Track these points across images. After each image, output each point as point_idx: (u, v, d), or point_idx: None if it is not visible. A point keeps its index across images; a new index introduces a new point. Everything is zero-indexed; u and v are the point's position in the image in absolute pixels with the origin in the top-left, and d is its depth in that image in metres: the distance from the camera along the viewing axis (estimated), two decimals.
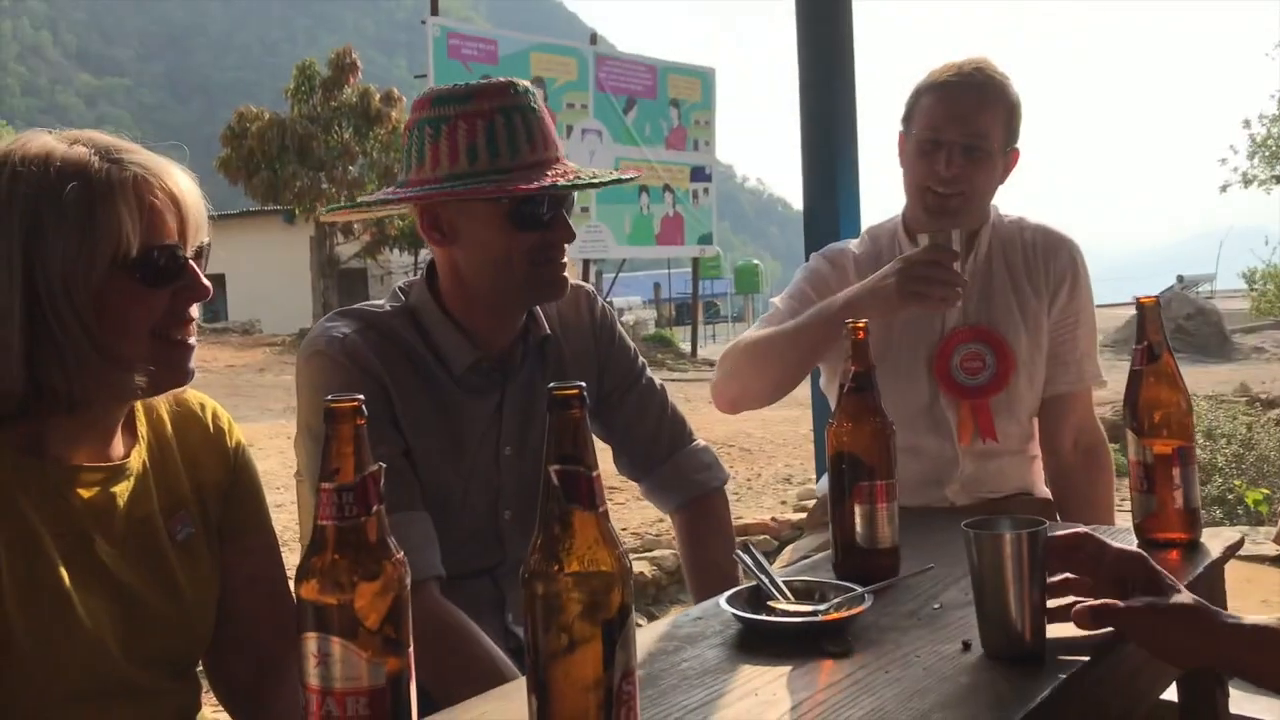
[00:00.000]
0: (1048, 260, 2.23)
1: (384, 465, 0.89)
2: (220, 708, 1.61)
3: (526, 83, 1.67)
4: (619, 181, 1.75)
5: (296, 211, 23.25)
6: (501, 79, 1.64)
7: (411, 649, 0.91)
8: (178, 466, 1.37)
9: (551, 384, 0.90)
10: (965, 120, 2.09)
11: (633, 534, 5.99)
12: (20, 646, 1.15)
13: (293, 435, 1.72)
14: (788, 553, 2.28)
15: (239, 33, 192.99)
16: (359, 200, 1.83)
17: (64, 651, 1.18)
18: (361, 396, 0.88)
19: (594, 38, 14.99)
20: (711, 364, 17.78)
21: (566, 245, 1.66)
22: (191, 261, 1.24)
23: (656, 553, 5.34)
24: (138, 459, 1.32)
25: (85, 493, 1.25)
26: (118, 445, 1.30)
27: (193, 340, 1.27)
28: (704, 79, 15.48)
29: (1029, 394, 2.21)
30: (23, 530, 1.17)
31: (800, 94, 2.97)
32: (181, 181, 1.24)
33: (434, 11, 12.88)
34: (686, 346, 21.32)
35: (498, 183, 1.57)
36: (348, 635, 0.87)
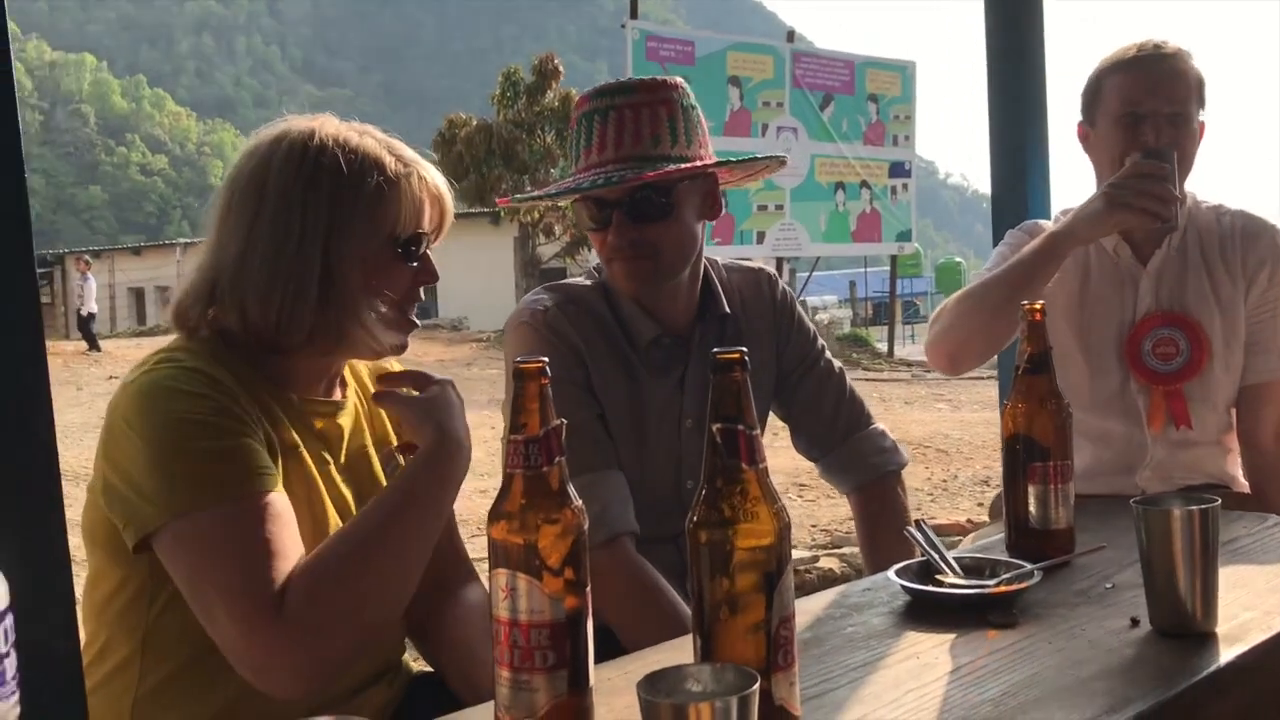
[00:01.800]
0: (1247, 246, 2.15)
1: (565, 421, 0.99)
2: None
3: (631, 80, 1.75)
4: (666, 174, 1.71)
5: (502, 214, 24.12)
6: (611, 82, 1.77)
7: (589, 589, 1.00)
8: (380, 412, 1.56)
9: (715, 349, 0.98)
10: (1167, 90, 2.05)
11: (822, 530, 6.00)
12: None
13: (497, 427, 1.86)
14: (968, 540, 2.28)
15: (450, 42, 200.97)
16: (530, 195, 2.01)
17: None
18: (546, 359, 0.97)
19: (791, 35, 14.94)
20: (909, 364, 17.41)
21: (623, 247, 1.73)
22: (428, 251, 1.46)
23: (846, 550, 5.33)
24: (351, 400, 1.52)
25: (320, 422, 1.45)
26: (337, 390, 1.51)
27: (414, 318, 1.46)
28: (904, 73, 15.22)
29: (1226, 381, 2.14)
30: (287, 441, 1.37)
31: (988, 79, 2.89)
32: (445, 186, 1.47)
33: (633, 15, 13.13)
34: (883, 346, 20.96)
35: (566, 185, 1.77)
36: (532, 572, 0.96)
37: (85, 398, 11.25)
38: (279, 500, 1.28)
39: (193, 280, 1.40)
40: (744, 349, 0.97)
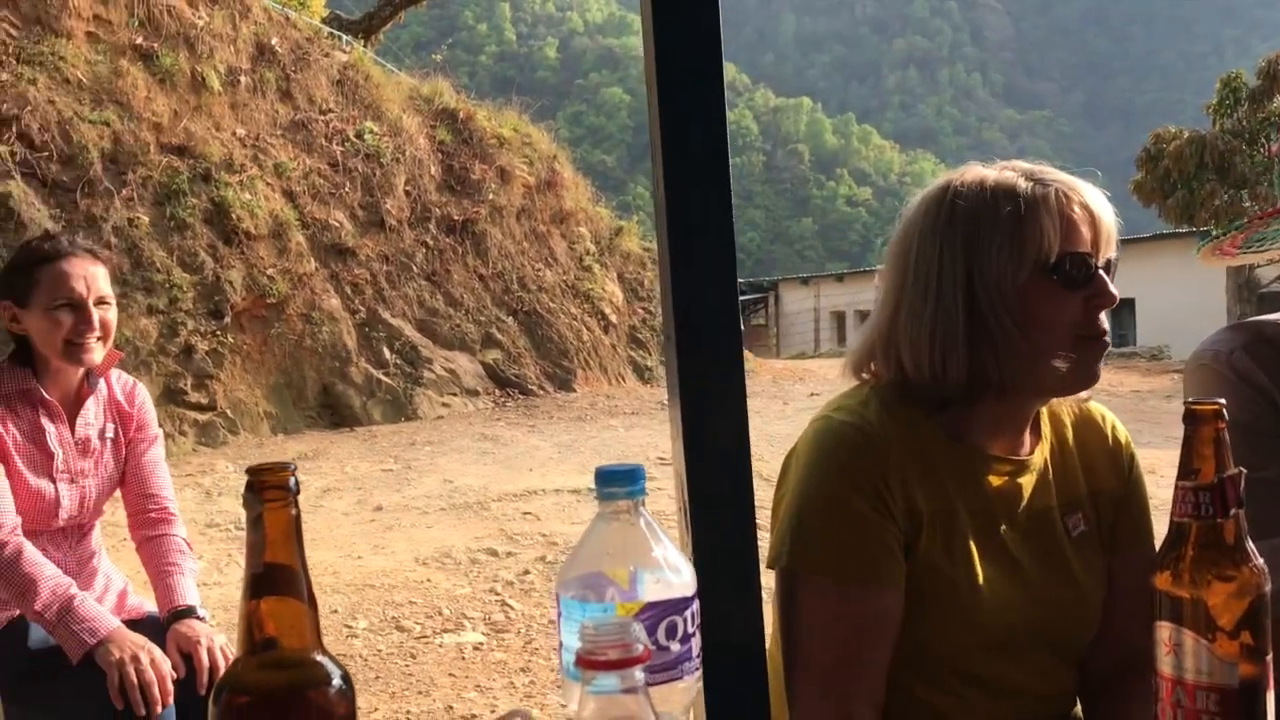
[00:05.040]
0: None
1: (1245, 471, 0.90)
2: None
3: None
4: None
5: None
6: None
7: (1270, 658, 0.90)
8: (1076, 469, 1.47)
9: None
10: None
11: None
12: (935, 599, 1.35)
13: None
14: None
15: (1160, 53, 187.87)
16: (1217, 231, 1.69)
17: (969, 611, 1.36)
18: (1223, 400, 0.90)
19: None
20: None
21: None
22: (1100, 271, 1.35)
23: None
24: (1040, 457, 1.45)
25: (995, 480, 1.40)
26: (1025, 442, 1.45)
27: (1107, 339, 1.36)
28: None
29: None
30: (943, 503, 1.37)
31: None
32: (1096, 198, 1.35)
33: None
34: None
35: None
36: (1199, 630, 0.89)
37: (790, 412, 12.23)
38: (882, 602, 1.32)
39: (859, 339, 1.46)
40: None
